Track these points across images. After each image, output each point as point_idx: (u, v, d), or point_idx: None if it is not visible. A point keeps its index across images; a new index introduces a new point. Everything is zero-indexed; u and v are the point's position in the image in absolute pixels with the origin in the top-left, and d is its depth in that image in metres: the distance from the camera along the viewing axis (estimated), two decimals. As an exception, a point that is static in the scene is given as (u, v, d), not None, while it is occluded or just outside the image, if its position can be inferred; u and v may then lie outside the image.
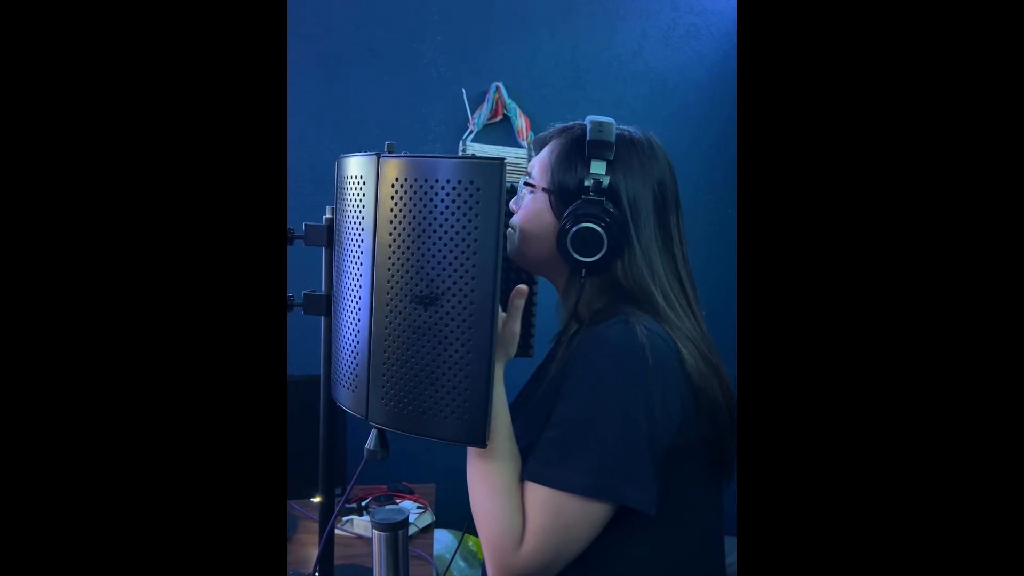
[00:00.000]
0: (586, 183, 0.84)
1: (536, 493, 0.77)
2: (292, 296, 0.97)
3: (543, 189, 0.89)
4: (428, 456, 1.84)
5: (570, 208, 0.84)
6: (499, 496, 0.78)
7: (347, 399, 0.84)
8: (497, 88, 1.88)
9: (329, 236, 0.89)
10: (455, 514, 1.76)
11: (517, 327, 0.84)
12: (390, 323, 0.76)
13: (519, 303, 0.84)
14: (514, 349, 0.85)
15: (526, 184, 0.92)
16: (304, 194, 1.84)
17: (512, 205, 0.93)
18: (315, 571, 1.10)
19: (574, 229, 0.83)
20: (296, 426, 1.55)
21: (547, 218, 0.88)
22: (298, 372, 1.57)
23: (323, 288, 0.92)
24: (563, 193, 0.87)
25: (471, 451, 0.81)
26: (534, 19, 1.92)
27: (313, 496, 1.60)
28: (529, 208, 0.90)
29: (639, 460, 0.76)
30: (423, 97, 1.90)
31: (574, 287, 0.89)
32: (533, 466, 0.79)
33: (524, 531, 0.77)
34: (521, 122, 1.89)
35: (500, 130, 1.92)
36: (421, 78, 1.89)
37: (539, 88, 1.94)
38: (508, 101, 1.88)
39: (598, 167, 0.84)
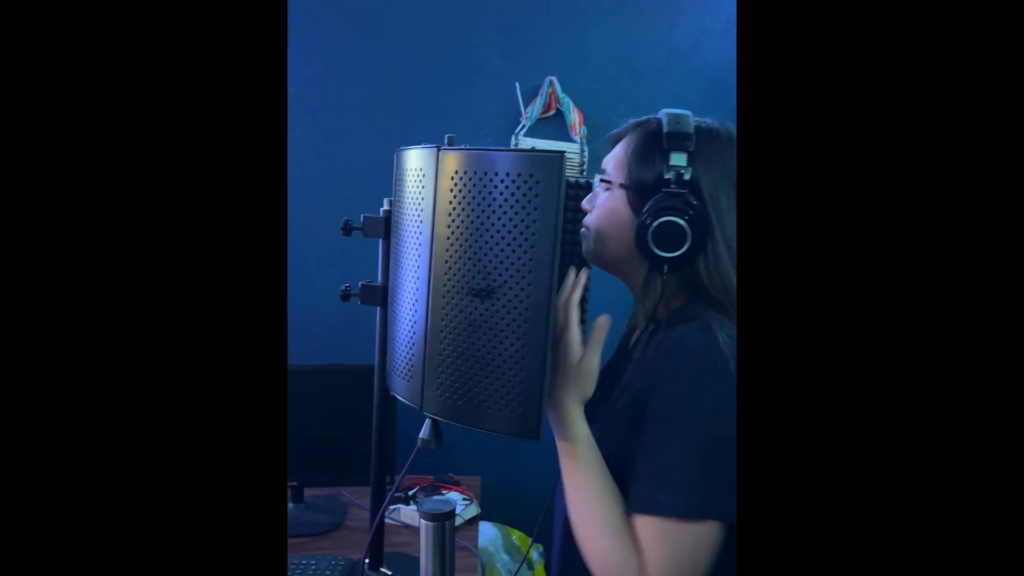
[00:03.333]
0: (666, 175, 0.80)
1: (647, 524, 0.74)
2: (348, 286, 0.99)
3: (620, 185, 0.85)
4: (474, 448, 1.85)
5: (650, 202, 0.80)
6: (608, 537, 0.76)
7: (402, 389, 0.85)
8: (551, 82, 1.87)
9: (387, 228, 0.90)
10: (499, 507, 1.77)
11: (597, 362, 0.80)
12: (447, 315, 0.76)
13: (600, 337, 0.80)
14: (592, 387, 0.80)
15: (602, 180, 0.88)
16: (359, 186, 1.87)
17: (586, 204, 0.88)
18: (365, 558, 1.12)
19: (655, 223, 0.79)
20: (349, 414, 1.58)
21: (624, 215, 0.84)
22: (351, 361, 1.60)
23: (379, 279, 0.93)
24: (641, 188, 0.82)
25: (571, 492, 0.79)
26: (590, 12, 1.90)
27: (363, 484, 1.63)
28: (605, 206, 0.86)
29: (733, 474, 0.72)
30: (476, 91, 1.90)
31: (652, 286, 0.84)
32: (636, 497, 0.76)
33: (642, 566, 0.73)
34: (574, 116, 1.87)
35: (553, 125, 1.90)
36: (475, 72, 1.89)
37: (594, 82, 1.92)
38: (561, 95, 1.87)
39: (678, 159, 0.80)
